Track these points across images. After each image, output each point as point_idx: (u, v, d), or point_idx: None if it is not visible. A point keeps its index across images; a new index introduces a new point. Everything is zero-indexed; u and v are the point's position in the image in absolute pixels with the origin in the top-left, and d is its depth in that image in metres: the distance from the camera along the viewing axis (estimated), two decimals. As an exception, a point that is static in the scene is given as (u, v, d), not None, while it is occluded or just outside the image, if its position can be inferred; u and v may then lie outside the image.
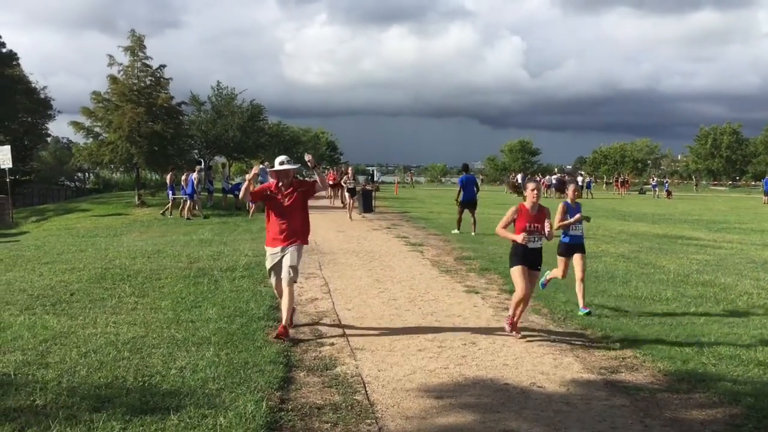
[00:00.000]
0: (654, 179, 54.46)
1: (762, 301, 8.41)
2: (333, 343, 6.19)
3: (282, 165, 6.55)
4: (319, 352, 5.91)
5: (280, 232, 6.46)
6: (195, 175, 21.37)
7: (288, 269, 6.34)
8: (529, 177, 46.17)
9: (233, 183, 28.28)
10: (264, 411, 4.36)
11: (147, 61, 25.84)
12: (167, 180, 23.04)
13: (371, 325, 6.90)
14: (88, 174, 60.14)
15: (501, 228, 6.56)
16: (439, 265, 10.84)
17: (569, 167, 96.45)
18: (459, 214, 16.23)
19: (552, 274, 7.78)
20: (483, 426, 4.30)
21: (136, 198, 26.58)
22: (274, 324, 6.61)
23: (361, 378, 5.19)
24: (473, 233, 15.30)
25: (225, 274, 9.63)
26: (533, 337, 6.46)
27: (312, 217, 6.95)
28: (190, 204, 21.10)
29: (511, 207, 6.52)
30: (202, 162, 27.56)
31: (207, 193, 25.08)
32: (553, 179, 47.10)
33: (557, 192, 38.10)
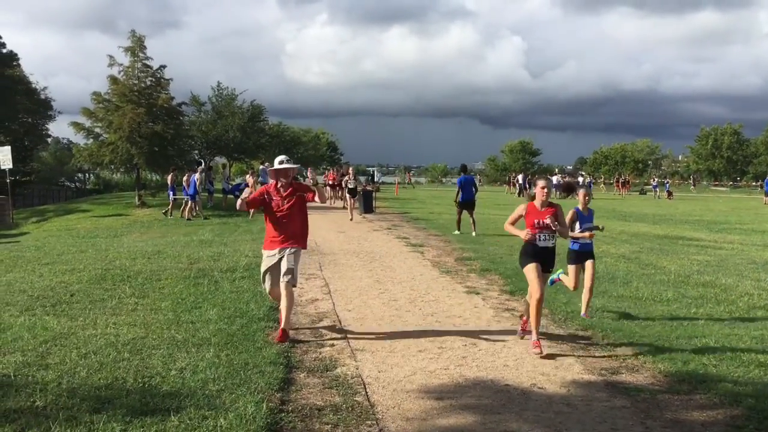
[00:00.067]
0: (655, 180, 54.46)
1: (763, 302, 8.40)
2: (333, 344, 6.19)
3: (282, 164, 6.50)
4: (320, 353, 5.90)
5: (278, 234, 6.41)
6: (197, 176, 21.37)
7: (286, 273, 6.28)
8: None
9: (233, 183, 28.29)
10: (264, 412, 4.36)
11: (147, 62, 25.86)
12: (168, 181, 23.05)
13: (372, 326, 6.89)
14: (88, 175, 60.15)
15: (508, 224, 6.37)
16: (440, 266, 10.83)
17: (570, 168, 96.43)
18: (458, 214, 16.24)
19: (564, 280, 7.46)
20: (484, 427, 4.30)
21: (136, 199, 26.58)
22: (274, 325, 6.61)
23: (362, 379, 5.19)
24: (473, 234, 15.31)
25: (225, 275, 9.63)
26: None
27: (312, 218, 6.94)
28: (191, 205, 21.10)
29: (521, 204, 6.35)
30: (202, 162, 27.55)
31: (207, 194, 25.09)
32: (554, 180, 47.16)
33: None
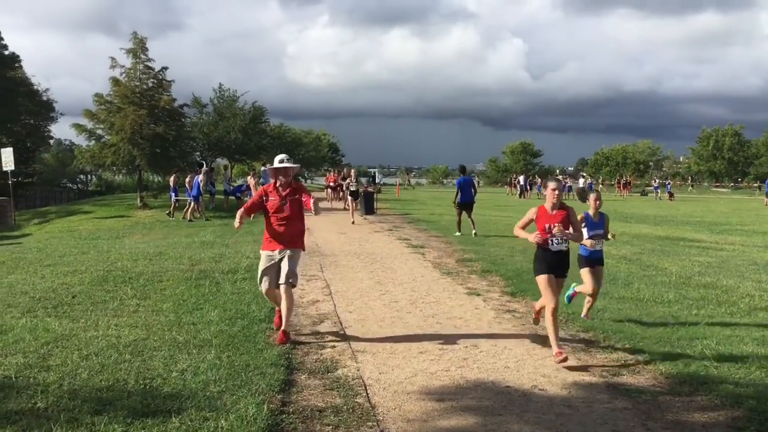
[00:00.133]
0: (656, 181, 54.39)
1: (764, 304, 8.38)
2: (334, 346, 6.19)
3: (282, 163, 6.48)
4: (321, 354, 5.91)
5: (277, 235, 6.39)
6: (201, 177, 21.40)
7: (287, 274, 6.27)
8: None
9: (235, 185, 28.29)
10: (265, 414, 4.36)
11: (149, 64, 25.93)
12: (171, 182, 23.07)
13: (372, 328, 6.89)
14: (90, 176, 60.23)
15: (518, 228, 6.13)
16: (441, 267, 10.83)
17: (571, 169, 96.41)
18: (458, 216, 16.26)
19: (579, 287, 7.18)
20: (484, 429, 4.30)
21: (138, 200, 26.62)
22: (275, 327, 6.60)
23: (363, 381, 5.19)
24: (473, 234, 15.37)
25: (226, 276, 9.64)
26: (534, 340, 6.46)
27: (313, 219, 6.93)
28: (194, 206, 21.13)
29: (531, 207, 6.13)
30: (204, 164, 27.55)
31: (209, 195, 25.13)
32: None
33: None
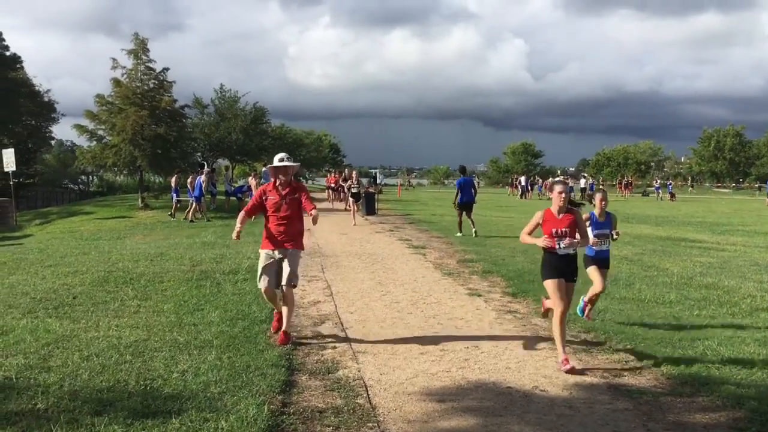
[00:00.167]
0: (657, 181, 54.35)
1: (765, 304, 8.36)
2: (335, 347, 6.18)
3: (282, 161, 6.44)
4: (321, 355, 5.90)
5: (277, 234, 6.36)
6: (203, 178, 21.41)
7: (288, 276, 6.25)
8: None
9: (236, 186, 28.31)
10: (265, 415, 4.36)
11: (150, 65, 25.93)
12: (172, 183, 23.08)
13: (373, 328, 6.89)
14: (91, 177, 60.24)
15: (525, 234, 5.92)
16: (442, 268, 10.82)
17: (572, 169, 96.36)
18: (459, 216, 16.28)
19: (588, 295, 6.88)
20: (485, 430, 4.29)
21: (139, 201, 26.64)
22: (282, 320, 6.59)
23: (363, 381, 5.18)
24: (474, 234, 15.45)
25: (227, 276, 9.64)
26: (536, 341, 6.45)
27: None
28: (195, 206, 21.14)
29: (537, 212, 5.91)
30: (205, 164, 27.58)
31: (210, 196, 25.14)
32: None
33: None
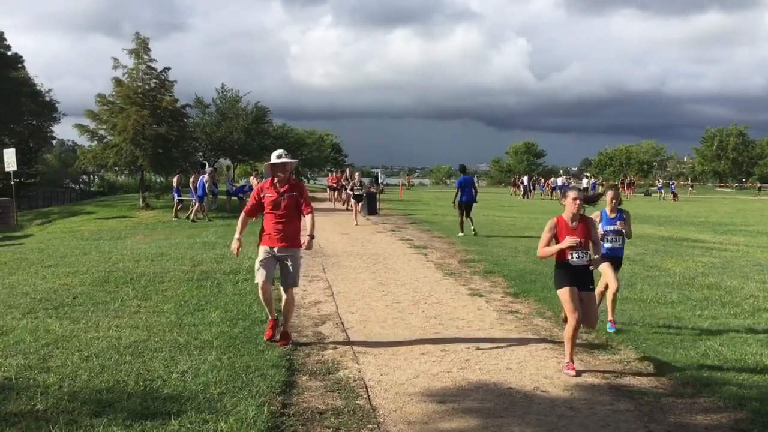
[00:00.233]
0: (660, 181, 54.30)
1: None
2: (335, 347, 6.17)
3: (280, 158, 6.27)
4: (322, 355, 5.88)
5: (275, 232, 6.24)
6: (206, 177, 21.41)
7: (289, 277, 6.21)
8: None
9: (237, 185, 28.30)
10: (265, 416, 4.34)
11: (151, 64, 25.93)
12: (174, 183, 23.09)
13: (374, 329, 6.87)
14: (92, 176, 60.30)
15: (542, 248, 5.56)
16: (443, 268, 10.80)
17: (574, 169, 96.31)
18: (460, 216, 16.30)
19: (600, 287, 6.64)
20: (486, 431, 4.27)
21: (140, 201, 26.63)
22: (277, 328, 6.57)
23: (364, 382, 5.16)
24: (473, 233, 15.65)
25: (228, 277, 9.62)
26: (537, 342, 6.43)
27: (315, 220, 6.87)
28: (198, 206, 21.14)
29: (548, 222, 5.61)
30: (207, 164, 27.56)
31: (212, 196, 25.15)
32: (558, 181, 47.14)
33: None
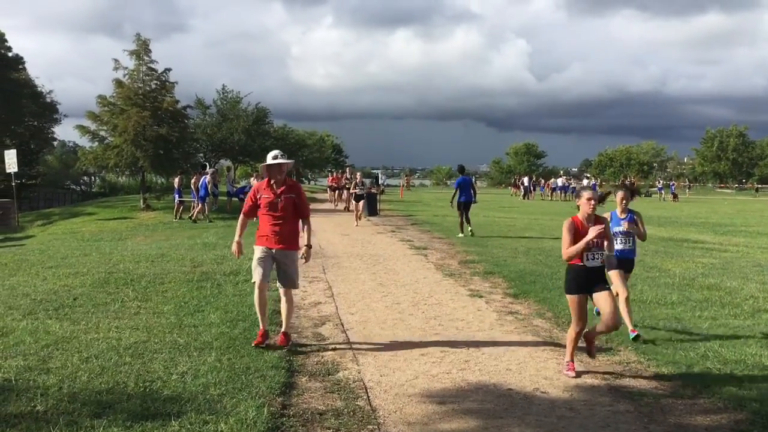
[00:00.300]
0: (660, 182, 54.28)
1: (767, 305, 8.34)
2: (335, 348, 6.17)
3: (275, 159, 6.16)
4: (322, 356, 5.89)
5: (271, 233, 6.18)
6: (209, 178, 21.42)
7: (287, 280, 6.20)
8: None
9: (238, 186, 28.31)
10: (265, 417, 4.34)
11: (152, 65, 25.95)
12: (175, 184, 23.11)
13: (374, 330, 6.87)
14: (93, 178, 60.36)
15: (567, 249, 5.39)
16: (443, 269, 10.80)
17: (575, 170, 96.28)
18: (460, 217, 16.34)
19: (622, 309, 6.45)
20: (485, 432, 4.27)
21: (141, 202, 26.65)
22: (276, 328, 6.58)
23: (364, 383, 5.17)
24: (470, 233, 15.85)
25: (228, 278, 9.62)
26: (536, 344, 6.43)
27: (316, 221, 6.90)
28: (201, 207, 21.15)
29: (565, 224, 5.48)
30: (207, 165, 27.57)
31: (212, 197, 25.15)
32: (559, 182, 47.12)
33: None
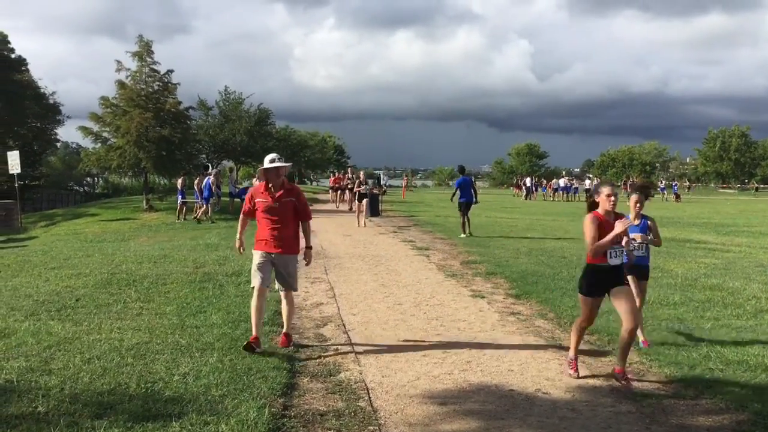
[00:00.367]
0: (662, 182, 54.20)
1: (771, 306, 8.31)
2: (337, 349, 6.17)
3: (273, 162, 6.02)
4: (323, 357, 5.88)
5: (270, 238, 6.08)
6: (212, 179, 21.44)
7: (287, 284, 6.16)
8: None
9: (240, 187, 28.34)
10: (266, 418, 4.34)
11: (155, 67, 25.99)
12: (178, 185, 23.14)
13: (376, 330, 6.87)
14: (96, 179, 60.48)
15: (595, 244, 5.16)
16: (445, 270, 10.80)
17: (577, 170, 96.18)
18: (462, 217, 16.38)
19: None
20: (487, 433, 4.27)
21: (144, 203, 26.68)
22: (278, 329, 6.58)
23: (365, 384, 5.16)
24: (468, 234, 16.02)
25: (230, 278, 9.63)
26: (538, 345, 6.42)
27: (318, 221, 6.89)
28: (205, 207, 21.18)
29: (586, 219, 5.27)
30: (210, 166, 27.61)
31: (216, 198, 25.17)
32: (561, 182, 47.04)
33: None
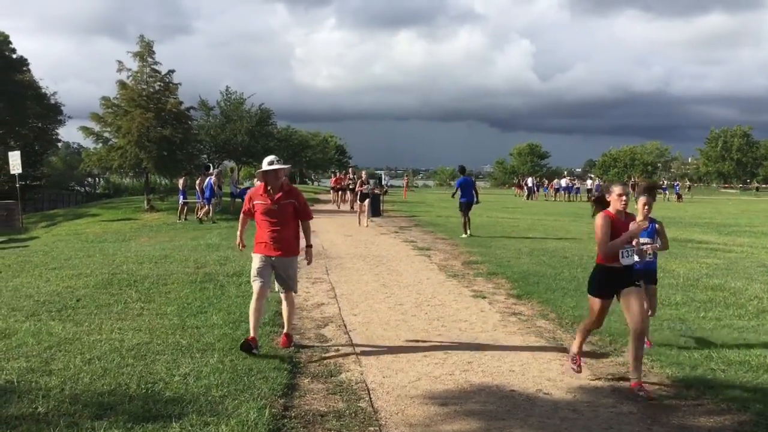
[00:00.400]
0: (664, 182, 54.16)
1: (773, 306, 8.29)
2: (338, 349, 6.16)
3: (271, 165, 5.92)
4: (324, 358, 5.87)
5: (269, 240, 6.00)
6: (214, 179, 21.45)
7: (288, 284, 6.14)
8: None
9: (241, 187, 28.35)
10: (267, 418, 4.33)
11: (156, 67, 26.02)
12: (180, 185, 23.15)
13: (377, 331, 6.86)
14: (98, 179, 60.54)
15: (610, 244, 5.04)
16: (446, 270, 10.79)
17: (579, 170, 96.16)
18: (463, 217, 16.37)
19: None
20: (488, 434, 4.26)
21: (145, 203, 26.70)
22: (278, 330, 6.57)
23: (366, 384, 5.15)
24: (468, 234, 16.01)
25: (231, 279, 9.62)
26: (539, 345, 6.41)
27: (319, 221, 6.88)
28: (207, 207, 21.20)
29: (598, 219, 5.13)
30: (211, 166, 27.62)
31: (217, 198, 25.18)
32: (563, 182, 47.05)
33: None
